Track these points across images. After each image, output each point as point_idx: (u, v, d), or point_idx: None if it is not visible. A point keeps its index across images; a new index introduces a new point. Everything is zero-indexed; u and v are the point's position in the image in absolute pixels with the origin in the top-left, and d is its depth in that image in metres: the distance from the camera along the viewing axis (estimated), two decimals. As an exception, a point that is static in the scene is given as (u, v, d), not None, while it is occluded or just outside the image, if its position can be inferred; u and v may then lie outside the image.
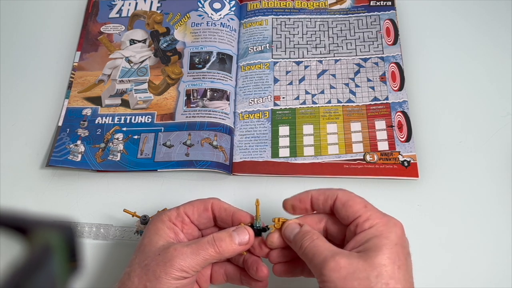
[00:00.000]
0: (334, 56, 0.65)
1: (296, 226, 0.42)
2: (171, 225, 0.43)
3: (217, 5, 0.69)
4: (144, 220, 0.49)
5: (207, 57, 0.64)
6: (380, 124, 0.59)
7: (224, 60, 0.64)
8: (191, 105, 0.61)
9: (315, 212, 0.43)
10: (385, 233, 0.37)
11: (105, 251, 0.52)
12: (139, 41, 0.67)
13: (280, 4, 0.69)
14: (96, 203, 0.55)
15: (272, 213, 0.49)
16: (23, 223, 0.21)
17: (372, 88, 0.62)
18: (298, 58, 0.65)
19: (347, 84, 0.62)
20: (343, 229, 0.42)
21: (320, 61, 0.64)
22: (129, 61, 0.65)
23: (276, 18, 0.68)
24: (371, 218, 0.39)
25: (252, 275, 0.44)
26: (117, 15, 0.69)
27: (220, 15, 0.68)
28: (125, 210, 0.50)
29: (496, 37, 0.67)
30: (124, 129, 0.59)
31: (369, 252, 0.36)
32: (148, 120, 0.60)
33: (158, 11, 0.69)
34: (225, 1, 0.69)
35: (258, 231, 0.44)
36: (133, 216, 0.50)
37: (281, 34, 0.67)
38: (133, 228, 0.51)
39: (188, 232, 0.44)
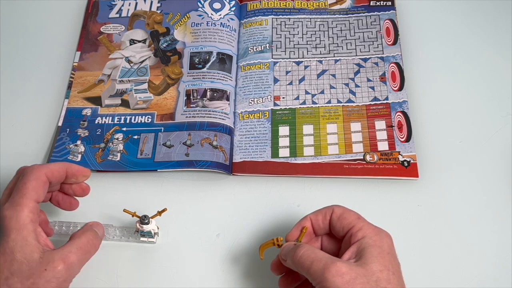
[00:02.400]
0: (334, 56, 0.65)
1: (291, 245, 0.44)
2: (33, 227, 0.41)
3: (217, 5, 0.69)
4: (144, 220, 0.49)
5: (207, 57, 0.64)
6: (380, 124, 0.59)
7: (224, 60, 0.64)
8: (191, 105, 0.61)
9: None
10: (378, 243, 0.40)
11: (105, 251, 0.52)
12: (139, 41, 0.67)
13: (280, 4, 0.69)
14: (96, 203, 0.55)
15: (273, 214, 0.49)
16: None
17: (372, 88, 0.62)
18: (298, 58, 0.65)
19: (347, 84, 0.62)
20: (337, 245, 0.45)
21: (320, 61, 0.64)
22: (129, 61, 0.65)
23: (276, 18, 0.68)
24: (363, 228, 0.41)
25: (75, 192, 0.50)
26: (117, 15, 0.69)
27: (220, 15, 0.68)
28: (125, 210, 0.50)
29: (496, 37, 0.67)
30: (124, 129, 0.59)
31: (365, 260, 0.39)
32: (148, 120, 0.60)
33: (158, 11, 0.69)
34: (225, 1, 0.69)
35: None
36: (133, 216, 0.50)
37: (281, 34, 0.67)
38: (133, 228, 0.51)
39: (40, 218, 0.44)
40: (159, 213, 0.51)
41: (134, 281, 0.50)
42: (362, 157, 0.57)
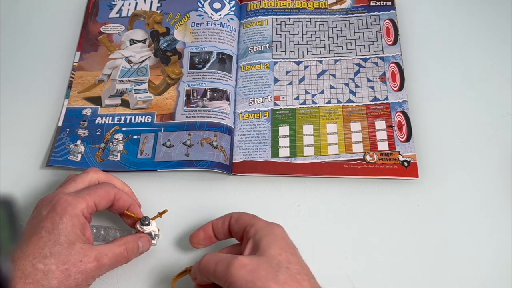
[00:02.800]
0: (334, 56, 0.65)
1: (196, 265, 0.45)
2: (84, 220, 0.45)
3: (217, 5, 0.69)
4: (145, 222, 0.49)
5: (207, 57, 0.64)
6: (380, 124, 0.59)
7: (224, 60, 0.64)
8: (191, 105, 0.61)
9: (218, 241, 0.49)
10: (270, 231, 0.42)
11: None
12: (139, 41, 0.67)
13: (280, 4, 0.69)
14: (96, 203, 0.55)
15: (273, 214, 0.49)
16: None
17: (372, 88, 0.62)
18: (298, 58, 0.65)
19: (347, 84, 0.62)
20: (239, 250, 0.45)
21: (320, 61, 0.64)
22: (129, 61, 0.65)
23: (276, 18, 0.68)
24: (255, 224, 0.44)
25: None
26: (117, 15, 0.69)
27: (220, 15, 0.68)
28: (126, 212, 0.50)
29: (496, 37, 0.67)
30: (124, 129, 0.59)
31: (263, 249, 0.41)
32: (148, 120, 0.60)
33: (158, 11, 0.69)
34: (225, 1, 0.69)
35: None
36: (134, 217, 0.50)
37: (281, 34, 0.67)
38: (133, 230, 0.51)
39: (90, 222, 0.48)
40: (160, 214, 0.51)
41: (134, 281, 0.50)
42: (362, 157, 0.57)
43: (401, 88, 0.61)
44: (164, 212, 0.51)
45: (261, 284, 0.38)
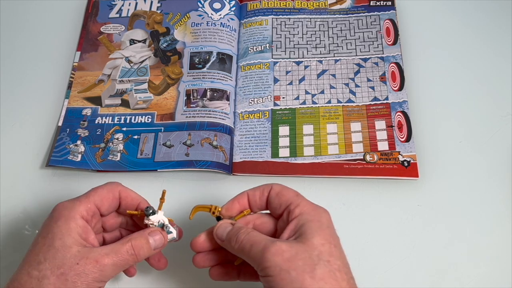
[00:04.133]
0: (334, 56, 0.65)
1: (228, 225, 0.42)
2: (83, 223, 0.42)
3: (217, 5, 0.69)
4: (149, 211, 0.44)
5: (207, 57, 0.64)
6: (380, 124, 0.59)
7: (224, 60, 0.64)
8: (191, 105, 0.61)
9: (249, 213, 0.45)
10: (316, 217, 0.40)
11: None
12: (139, 41, 0.67)
13: (280, 4, 0.69)
14: (96, 203, 0.55)
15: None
16: None
17: (372, 88, 0.62)
18: (298, 58, 0.65)
19: (347, 84, 0.62)
20: (272, 226, 0.43)
21: (320, 61, 0.64)
22: (129, 61, 0.65)
23: (276, 18, 0.68)
24: (301, 205, 0.40)
25: (151, 264, 0.46)
26: (117, 15, 0.69)
27: (220, 15, 0.68)
28: (128, 212, 0.46)
29: (496, 37, 0.67)
30: (124, 129, 0.59)
31: (305, 235, 0.38)
32: (148, 120, 0.60)
33: (158, 11, 0.69)
34: (225, 1, 0.69)
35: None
36: (138, 215, 0.46)
37: (281, 34, 0.67)
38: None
39: (97, 227, 0.45)
40: (161, 199, 0.46)
41: (134, 282, 0.50)
42: (362, 157, 0.57)
43: (401, 88, 0.61)
44: (163, 194, 0.46)
45: (296, 275, 0.36)
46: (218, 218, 0.44)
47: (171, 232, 0.44)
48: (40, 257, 0.39)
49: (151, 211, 0.44)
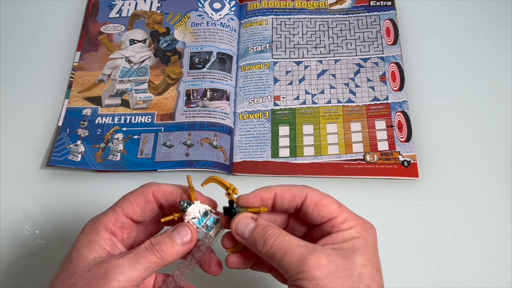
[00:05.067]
0: (334, 56, 0.65)
1: (250, 221, 0.37)
2: (107, 235, 0.37)
3: (217, 5, 0.69)
4: (184, 205, 0.38)
5: (207, 57, 0.64)
6: (380, 124, 0.59)
7: (224, 60, 0.64)
8: (191, 105, 0.61)
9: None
10: (364, 235, 0.36)
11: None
12: (139, 41, 0.67)
13: (280, 4, 0.69)
14: (96, 203, 0.55)
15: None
16: None
17: (372, 88, 0.62)
18: (298, 58, 0.65)
19: (347, 84, 0.62)
20: (283, 221, 0.40)
21: (320, 61, 0.64)
22: (129, 61, 0.65)
23: (276, 18, 0.68)
24: (348, 219, 0.37)
25: (204, 269, 0.41)
26: (117, 15, 0.69)
27: (220, 15, 0.68)
28: (163, 221, 0.39)
29: (496, 37, 0.67)
30: (124, 129, 0.59)
31: (347, 251, 0.35)
32: (148, 120, 0.60)
33: (158, 11, 0.69)
34: (225, 1, 0.69)
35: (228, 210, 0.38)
36: (176, 218, 0.39)
37: (281, 34, 0.67)
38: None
39: (131, 236, 0.39)
40: (190, 187, 0.39)
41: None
42: (362, 157, 0.57)
43: (401, 88, 0.61)
44: (189, 181, 0.39)
45: None
46: (231, 202, 0.38)
47: (214, 228, 0.38)
48: (58, 271, 0.36)
49: (185, 204, 0.38)
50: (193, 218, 0.38)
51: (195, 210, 0.38)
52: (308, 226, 0.40)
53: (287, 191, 0.38)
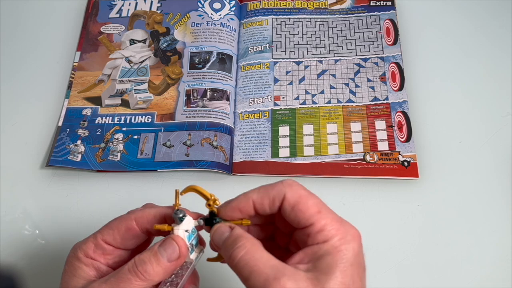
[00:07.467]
0: (334, 56, 0.65)
1: (226, 230, 0.35)
2: (89, 261, 0.36)
3: (217, 5, 0.69)
4: (179, 215, 0.36)
5: (207, 57, 0.64)
6: (380, 124, 0.59)
7: (224, 60, 0.64)
8: (191, 105, 0.61)
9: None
10: (341, 250, 0.32)
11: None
12: (139, 41, 0.67)
13: (280, 4, 0.69)
14: (96, 203, 0.56)
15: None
16: None
17: (372, 88, 0.62)
18: (298, 58, 0.65)
19: (347, 84, 0.62)
20: (263, 232, 0.38)
21: (320, 61, 0.64)
22: (129, 61, 0.65)
23: (276, 18, 0.68)
24: (325, 229, 0.33)
25: None
26: (117, 15, 0.69)
27: (220, 15, 0.68)
28: (156, 227, 0.37)
29: (496, 37, 0.67)
30: (124, 129, 0.60)
31: (320, 273, 0.31)
32: (148, 120, 0.60)
33: (158, 11, 0.69)
34: (225, 1, 0.69)
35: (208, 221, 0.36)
36: (171, 230, 0.37)
37: (281, 34, 0.67)
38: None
39: (115, 261, 0.38)
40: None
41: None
42: (362, 157, 0.57)
43: (401, 88, 0.61)
44: (176, 194, 0.38)
45: None
46: (212, 214, 0.37)
47: (191, 242, 0.36)
48: None
49: (181, 215, 0.36)
50: (186, 230, 0.36)
51: (189, 223, 0.36)
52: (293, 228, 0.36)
53: (264, 195, 0.35)
